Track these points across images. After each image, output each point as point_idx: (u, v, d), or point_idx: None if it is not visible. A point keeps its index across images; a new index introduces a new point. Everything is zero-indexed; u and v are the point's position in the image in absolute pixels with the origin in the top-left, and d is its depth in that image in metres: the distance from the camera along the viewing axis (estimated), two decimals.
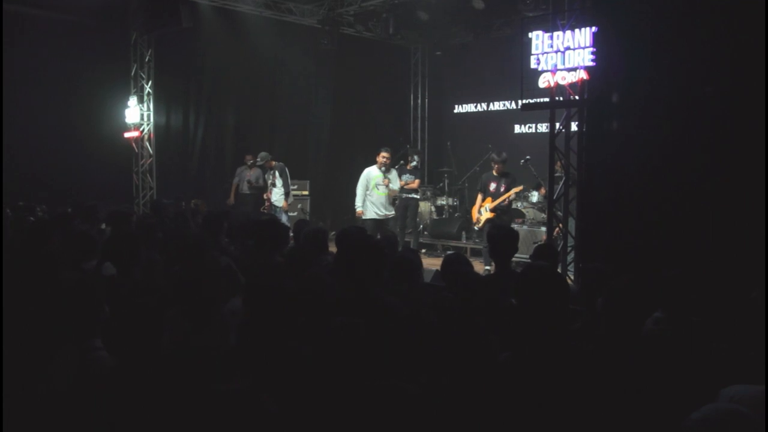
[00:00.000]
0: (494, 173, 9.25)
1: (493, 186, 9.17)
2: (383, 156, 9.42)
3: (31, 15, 10.34)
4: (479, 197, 9.35)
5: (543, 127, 11.86)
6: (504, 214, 9.15)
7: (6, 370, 2.43)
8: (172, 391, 2.18)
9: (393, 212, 9.70)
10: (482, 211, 9.18)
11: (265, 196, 10.95)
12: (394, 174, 9.65)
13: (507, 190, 9.06)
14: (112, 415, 2.15)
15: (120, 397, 2.21)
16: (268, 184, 10.89)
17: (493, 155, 9.33)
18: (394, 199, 9.78)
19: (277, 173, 10.78)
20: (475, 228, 9.68)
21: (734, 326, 3.36)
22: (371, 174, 9.47)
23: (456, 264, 4.47)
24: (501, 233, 4.91)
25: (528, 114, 11.55)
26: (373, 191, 9.43)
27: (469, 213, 10.18)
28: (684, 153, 6.20)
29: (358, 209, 9.57)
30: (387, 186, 9.39)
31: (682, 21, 6.19)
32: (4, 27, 9.73)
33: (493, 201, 9.11)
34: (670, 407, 2.59)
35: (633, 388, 2.72)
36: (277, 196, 10.84)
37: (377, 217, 9.45)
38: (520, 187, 9.40)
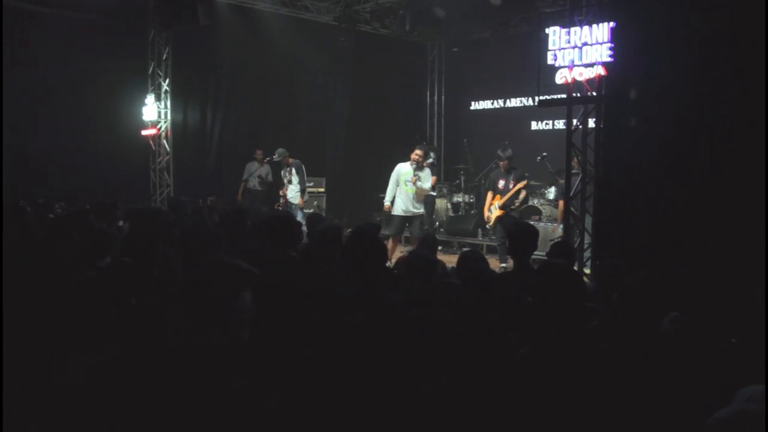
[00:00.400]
0: (501, 170, 9.21)
1: (501, 183, 9.12)
2: (416, 153, 9.23)
3: (48, 14, 10.42)
4: (489, 196, 9.29)
5: (560, 124, 11.80)
6: (513, 211, 9.10)
7: (22, 367, 2.44)
8: (173, 391, 2.19)
9: (421, 210, 9.50)
10: (492, 210, 9.12)
11: (281, 193, 10.97)
12: (426, 173, 9.35)
13: (515, 185, 9.02)
14: (117, 414, 2.16)
15: (126, 395, 2.22)
16: (285, 181, 10.91)
17: (498, 152, 9.27)
18: (425, 197, 9.64)
19: (293, 170, 10.80)
20: (487, 227, 9.62)
21: (747, 324, 3.32)
22: (402, 170, 9.32)
23: (472, 261, 4.46)
24: (521, 230, 4.89)
25: (545, 110, 11.49)
26: (402, 187, 9.30)
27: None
28: (701, 149, 6.14)
29: (386, 204, 9.47)
30: (414, 183, 9.26)
31: (701, 16, 6.12)
32: (19, 26, 9.83)
33: (501, 198, 9.06)
34: (688, 406, 2.57)
35: (650, 386, 2.70)
36: (293, 193, 10.85)
37: (403, 213, 9.29)
38: (524, 182, 9.32)
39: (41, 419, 2.23)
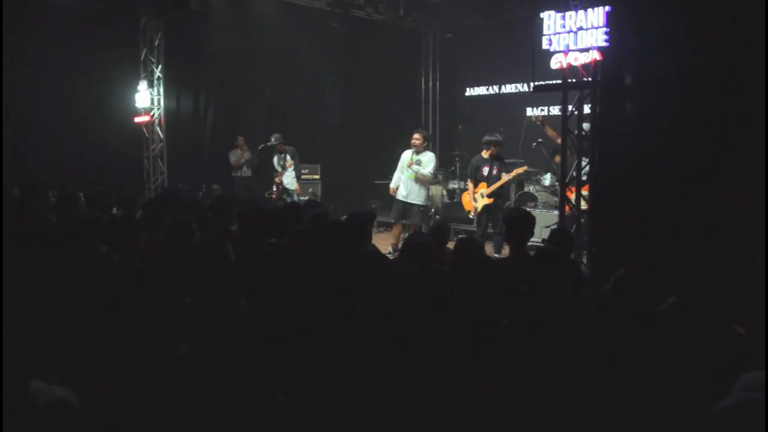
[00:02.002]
0: (485, 156, 9.01)
1: (485, 170, 8.95)
2: (414, 138, 9.21)
3: (41, 1, 10.31)
4: (470, 184, 9.11)
5: (555, 110, 11.74)
6: (499, 198, 9.03)
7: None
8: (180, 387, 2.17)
9: (420, 202, 9.29)
10: (477, 198, 8.98)
11: (276, 180, 10.90)
12: (426, 157, 9.21)
13: (499, 172, 8.91)
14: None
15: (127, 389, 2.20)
16: (278, 168, 10.84)
17: (491, 138, 9.01)
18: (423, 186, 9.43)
19: (288, 156, 10.75)
20: (470, 216, 9.41)
21: (747, 312, 3.30)
22: (405, 156, 9.32)
23: (468, 247, 4.43)
24: (518, 217, 4.85)
25: (540, 96, 11.41)
26: (405, 172, 9.29)
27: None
28: (698, 135, 6.09)
29: (392, 187, 9.43)
30: (410, 167, 9.21)
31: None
32: (7, 14, 9.71)
33: (488, 186, 8.90)
34: (686, 393, 2.55)
35: (645, 374, 2.68)
36: (289, 179, 10.82)
37: (403, 199, 9.27)
38: (524, 168, 9.24)
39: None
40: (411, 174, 9.20)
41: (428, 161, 9.20)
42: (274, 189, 10.91)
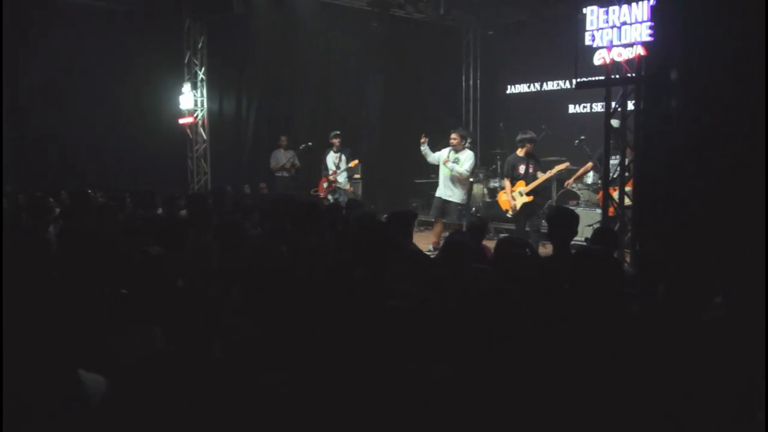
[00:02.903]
0: (520, 155, 8.91)
1: (522, 168, 8.85)
2: (452, 138, 9.28)
3: (86, 5, 10.55)
4: (507, 183, 9.00)
5: (598, 107, 11.60)
6: (538, 196, 8.94)
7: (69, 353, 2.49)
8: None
9: (456, 199, 9.35)
10: (516, 196, 8.89)
11: (331, 177, 11.00)
12: (466, 155, 9.26)
13: (535, 170, 8.82)
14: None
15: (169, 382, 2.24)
16: (332, 166, 10.95)
17: (525, 135, 8.90)
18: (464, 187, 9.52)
19: (344, 157, 10.88)
20: (508, 215, 9.31)
21: None
22: (442, 154, 9.40)
23: (510, 247, 4.40)
24: (561, 215, 4.80)
25: (583, 93, 11.29)
26: (442, 169, 9.38)
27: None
28: (744, 132, 5.96)
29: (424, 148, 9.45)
30: (445, 164, 9.23)
31: None
32: (56, 18, 9.97)
33: (526, 184, 8.80)
34: (735, 395, 2.50)
35: (692, 372, 2.64)
36: (343, 178, 10.94)
37: (441, 196, 9.39)
38: (566, 164, 9.13)
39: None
40: (447, 171, 9.25)
41: (466, 159, 9.22)
42: (325, 186, 11.00)
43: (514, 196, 8.91)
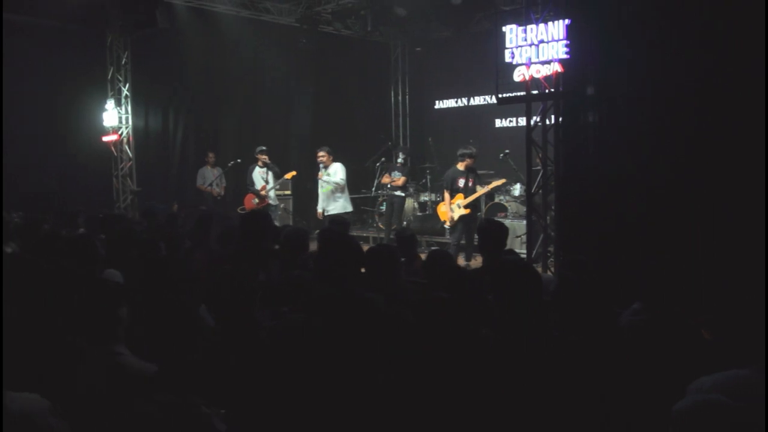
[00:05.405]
0: (460, 168, 9.13)
1: (461, 182, 9.07)
2: (318, 155, 9.96)
3: (7, 20, 10.22)
4: (447, 195, 9.20)
5: (523, 121, 11.83)
6: (474, 209, 9.14)
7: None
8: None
9: (339, 211, 9.77)
10: (454, 209, 9.07)
11: (262, 193, 10.80)
12: (334, 167, 9.87)
13: (474, 184, 9.04)
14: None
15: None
16: (261, 181, 10.80)
17: (466, 150, 9.13)
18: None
19: (272, 173, 10.79)
20: (446, 226, 9.60)
21: (714, 317, 3.38)
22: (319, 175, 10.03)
23: (441, 259, 4.48)
24: (492, 228, 4.93)
25: (509, 108, 11.55)
26: (320, 188, 10.05)
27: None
28: (662, 143, 6.23)
29: (319, 211, 10.14)
30: (321, 179, 9.84)
31: (653, 9, 6.22)
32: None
33: (465, 197, 9.01)
34: (650, 397, 2.61)
35: (610, 379, 2.74)
36: (273, 194, 10.88)
37: (326, 214, 9.86)
38: (502, 180, 9.39)
39: None
40: (326, 188, 9.85)
41: (337, 170, 9.84)
42: (255, 202, 10.79)
43: (452, 209, 9.08)
